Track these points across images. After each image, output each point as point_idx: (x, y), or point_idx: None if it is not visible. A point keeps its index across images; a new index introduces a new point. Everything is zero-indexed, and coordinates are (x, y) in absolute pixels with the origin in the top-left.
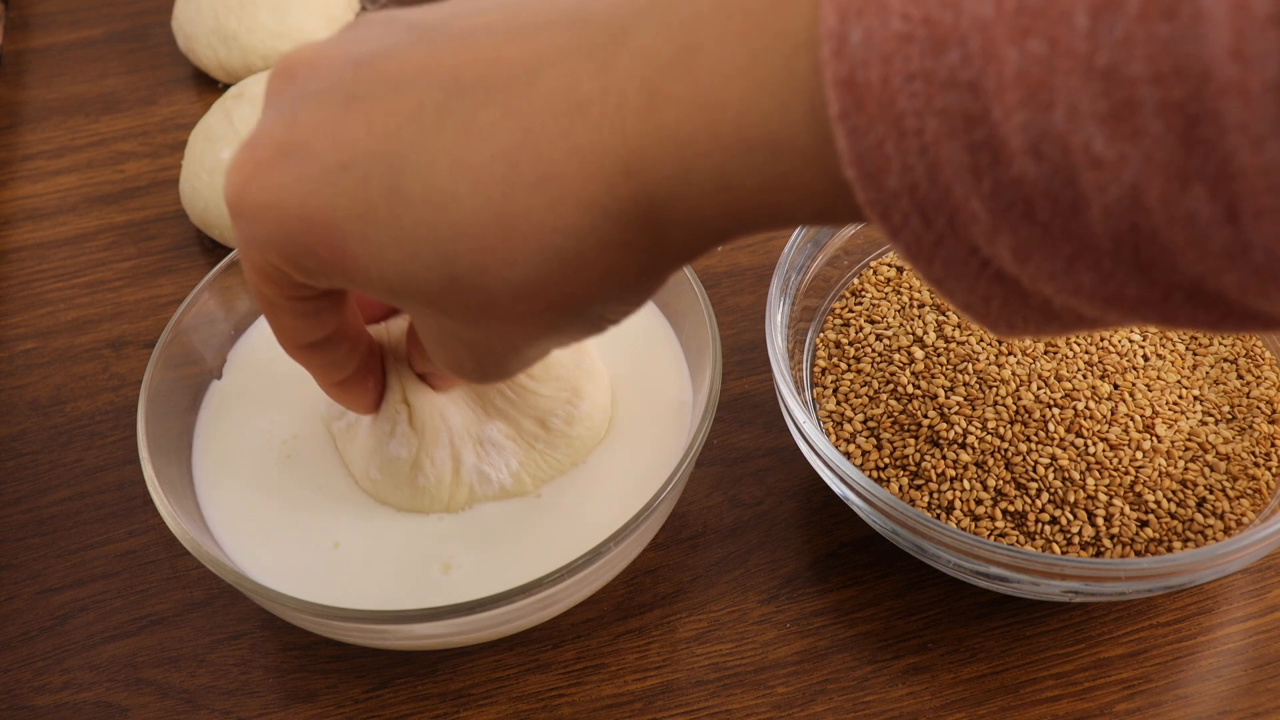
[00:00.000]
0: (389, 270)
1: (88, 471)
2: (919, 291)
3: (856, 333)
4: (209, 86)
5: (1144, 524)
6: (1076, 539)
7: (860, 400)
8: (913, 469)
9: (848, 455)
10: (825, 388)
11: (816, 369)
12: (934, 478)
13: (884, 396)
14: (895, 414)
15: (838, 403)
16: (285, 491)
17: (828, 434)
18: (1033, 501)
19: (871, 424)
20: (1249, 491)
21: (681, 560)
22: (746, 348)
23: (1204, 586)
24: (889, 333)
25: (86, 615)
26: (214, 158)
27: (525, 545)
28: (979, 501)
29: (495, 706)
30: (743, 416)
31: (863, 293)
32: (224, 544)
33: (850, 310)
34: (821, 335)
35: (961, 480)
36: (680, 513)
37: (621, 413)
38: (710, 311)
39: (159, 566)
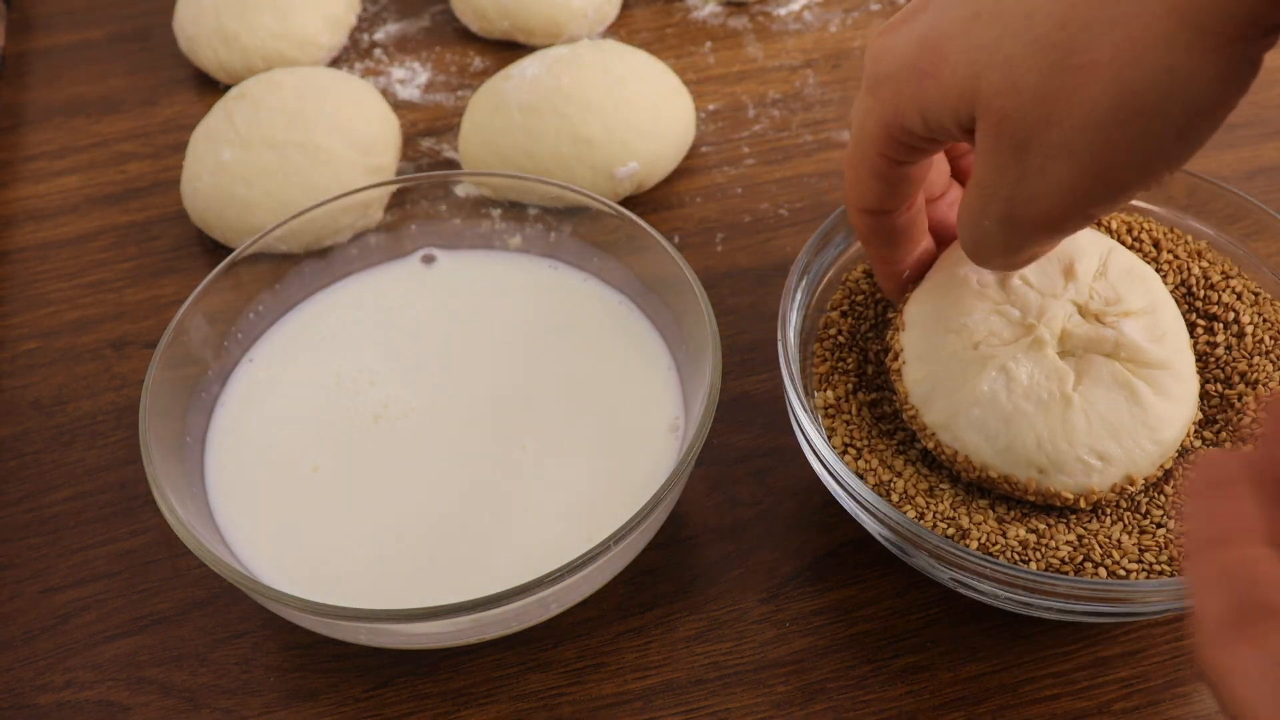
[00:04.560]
0: (979, 60)
1: (89, 471)
2: None
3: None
4: (210, 87)
5: (1145, 550)
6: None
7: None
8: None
9: (860, 475)
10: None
11: (818, 372)
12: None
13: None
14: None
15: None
16: (291, 492)
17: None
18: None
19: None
20: None
21: (681, 560)
22: (746, 348)
23: None
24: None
25: (88, 614)
26: (215, 158)
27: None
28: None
29: (495, 705)
30: (742, 416)
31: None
32: (229, 542)
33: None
34: (822, 336)
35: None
36: (680, 513)
37: (619, 412)
38: (710, 312)
39: (160, 566)
